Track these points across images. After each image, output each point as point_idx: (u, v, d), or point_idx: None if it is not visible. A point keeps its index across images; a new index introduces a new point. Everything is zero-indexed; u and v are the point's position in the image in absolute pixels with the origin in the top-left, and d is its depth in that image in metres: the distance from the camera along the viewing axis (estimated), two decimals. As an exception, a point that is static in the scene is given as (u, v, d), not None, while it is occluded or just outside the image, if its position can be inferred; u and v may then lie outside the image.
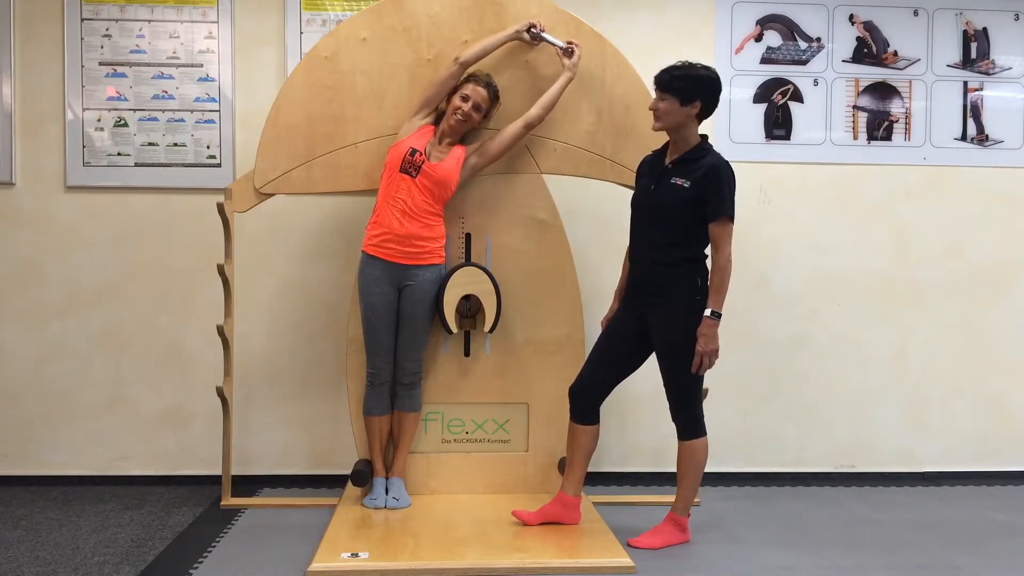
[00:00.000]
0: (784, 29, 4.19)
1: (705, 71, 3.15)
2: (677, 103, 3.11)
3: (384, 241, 3.41)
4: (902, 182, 4.25)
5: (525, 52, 3.58)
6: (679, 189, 3.12)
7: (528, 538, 3.16)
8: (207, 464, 3.97)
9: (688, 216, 3.11)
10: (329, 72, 3.54)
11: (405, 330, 3.49)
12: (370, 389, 3.51)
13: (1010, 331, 4.31)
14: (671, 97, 3.12)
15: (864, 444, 4.25)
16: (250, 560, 3.06)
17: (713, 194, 3.08)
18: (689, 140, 3.17)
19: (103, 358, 4.01)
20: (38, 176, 3.98)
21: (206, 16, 3.99)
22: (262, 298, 4.02)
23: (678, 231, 3.13)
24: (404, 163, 3.38)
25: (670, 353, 3.17)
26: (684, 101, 3.11)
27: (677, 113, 3.12)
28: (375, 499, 3.49)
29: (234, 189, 3.57)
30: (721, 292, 3.08)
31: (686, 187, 3.11)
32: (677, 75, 3.12)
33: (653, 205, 3.18)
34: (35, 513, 3.59)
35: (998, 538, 3.42)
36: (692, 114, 3.13)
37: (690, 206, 3.11)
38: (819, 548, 3.25)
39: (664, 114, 3.14)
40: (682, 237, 3.14)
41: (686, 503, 3.27)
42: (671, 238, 3.14)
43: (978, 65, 4.28)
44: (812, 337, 4.23)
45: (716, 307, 3.08)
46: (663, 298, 3.15)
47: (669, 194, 3.14)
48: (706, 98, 3.14)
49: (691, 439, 3.23)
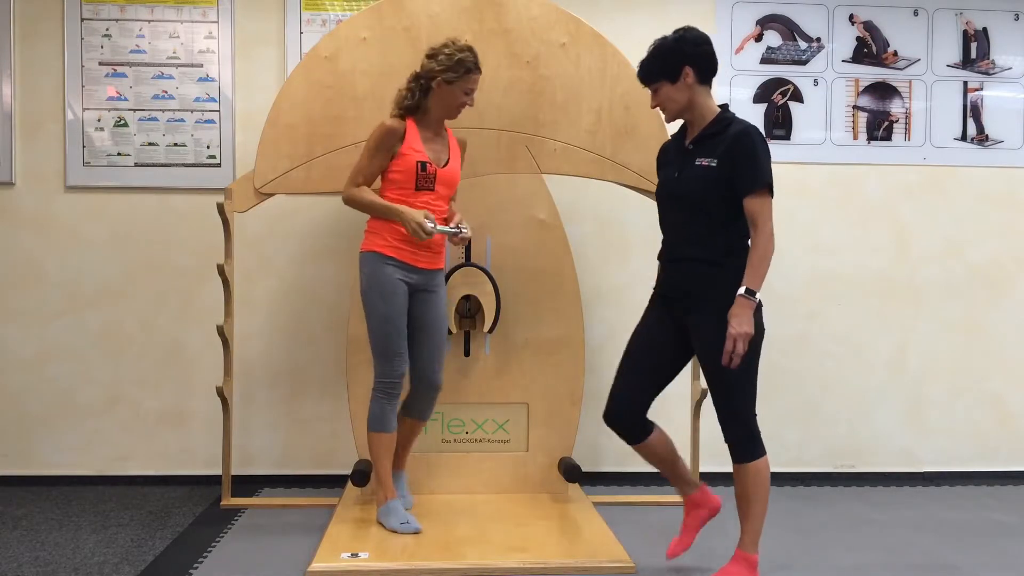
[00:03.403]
0: (784, 29, 4.20)
1: (675, 36, 2.81)
2: (668, 84, 2.79)
3: (408, 244, 3.20)
4: (902, 182, 4.25)
5: (525, 51, 3.58)
6: (706, 171, 2.74)
7: (528, 538, 3.16)
8: (207, 464, 3.97)
9: (722, 201, 2.73)
10: (329, 72, 3.54)
11: (435, 336, 3.31)
12: (387, 403, 3.25)
13: (1010, 331, 4.31)
14: (659, 82, 2.81)
15: (864, 444, 4.25)
16: (250, 560, 3.06)
17: (745, 165, 2.69)
18: (705, 114, 2.81)
19: (103, 358, 4.01)
20: (38, 176, 3.98)
21: (206, 16, 3.99)
22: (262, 298, 4.02)
23: (713, 221, 2.75)
24: (419, 181, 3.19)
25: (718, 362, 2.72)
26: (672, 77, 2.78)
27: (675, 92, 2.79)
28: (408, 522, 3.20)
29: (234, 189, 3.57)
30: (760, 270, 2.67)
31: (713, 166, 2.73)
32: (650, 60, 2.83)
33: (680, 194, 2.82)
34: (35, 513, 3.59)
35: (998, 538, 3.42)
36: (690, 83, 2.77)
37: (722, 188, 2.72)
38: (819, 548, 3.25)
39: (665, 101, 2.83)
40: (719, 227, 2.75)
41: (754, 537, 2.80)
42: (706, 230, 2.76)
43: (978, 65, 4.28)
44: (812, 337, 4.23)
45: (752, 285, 2.66)
46: (704, 300, 2.76)
47: (696, 178, 2.76)
48: (692, 60, 2.77)
49: (749, 461, 2.77)
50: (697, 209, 2.77)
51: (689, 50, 2.78)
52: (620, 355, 2.98)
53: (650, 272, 4.12)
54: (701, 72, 2.78)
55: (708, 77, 2.81)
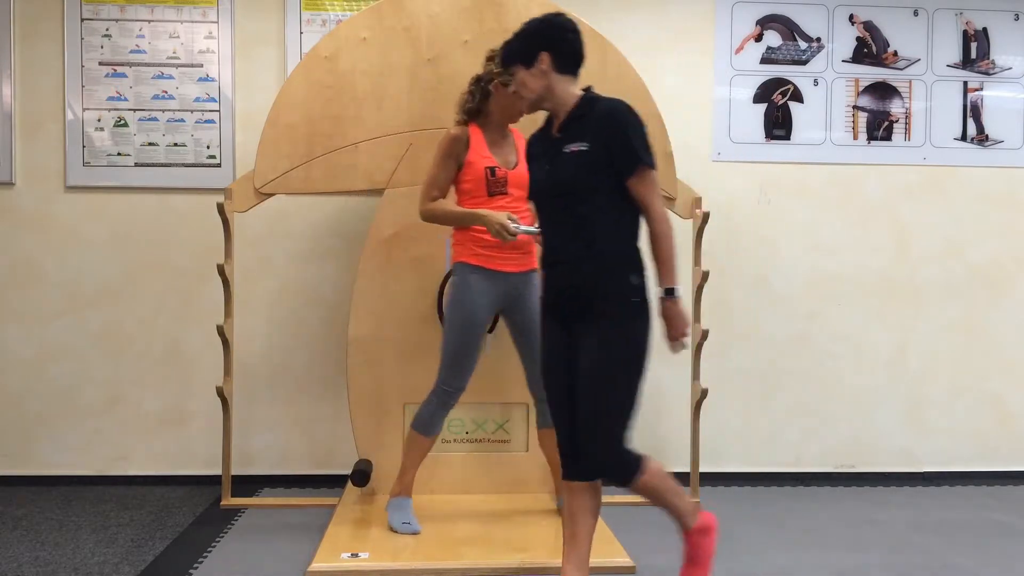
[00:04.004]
0: (784, 29, 4.20)
1: (539, 19, 2.60)
2: (523, 68, 2.57)
3: (494, 250, 3.13)
4: (902, 182, 4.25)
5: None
6: (577, 157, 2.48)
7: (528, 538, 3.16)
8: (207, 464, 3.97)
9: (602, 188, 2.47)
10: (329, 72, 3.54)
11: (532, 340, 3.16)
12: (439, 410, 3.21)
13: (1010, 331, 4.31)
14: (515, 65, 2.59)
15: (864, 444, 4.25)
16: (250, 560, 3.06)
17: (619, 145, 2.44)
18: (568, 101, 2.55)
19: (103, 358, 4.01)
20: (38, 176, 3.98)
21: (206, 16, 3.99)
22: (262, 298, 4.02)
23: (594, 212, 2.48)
24: (490, 187, 3.13)
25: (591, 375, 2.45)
26: (527, 62, 2.56)
27: (529, 78, 2.56)
28: (409, 523, 3.21)
29: (234, 189, 3.57)
30: (669, 263, 2.44)
31: (584, 150, 2.47)
32: (510, 42, 2.64)
33: (554, 188, 2.54)
34: (35, 513, 3.59)
35: (998, 538, 3.42)
36: (544, 70, 2.53)
37: (599, 173, 2.46)
38: (819, 548, 3.25)
39: (520, 87, 2.59)
40: (602, 219, 2.48)
41: (683, 518, 2.64)
42: (587, 224, 2.49)
43: (978, 65, 4.28)
44: (812, 337, 4.22)
45: (669, 283, 2.44)
46: (588, 307, 2.48)
47: (567, 167, 2.49)
48: (550, 46, 2.53)
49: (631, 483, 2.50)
50: (575, 201, 2.50)
51: (550, 35, 2.56)
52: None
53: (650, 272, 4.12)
54: (560, 60, 2.55)
55: (569, 67, 2.57)
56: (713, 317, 3.91)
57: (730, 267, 4.13)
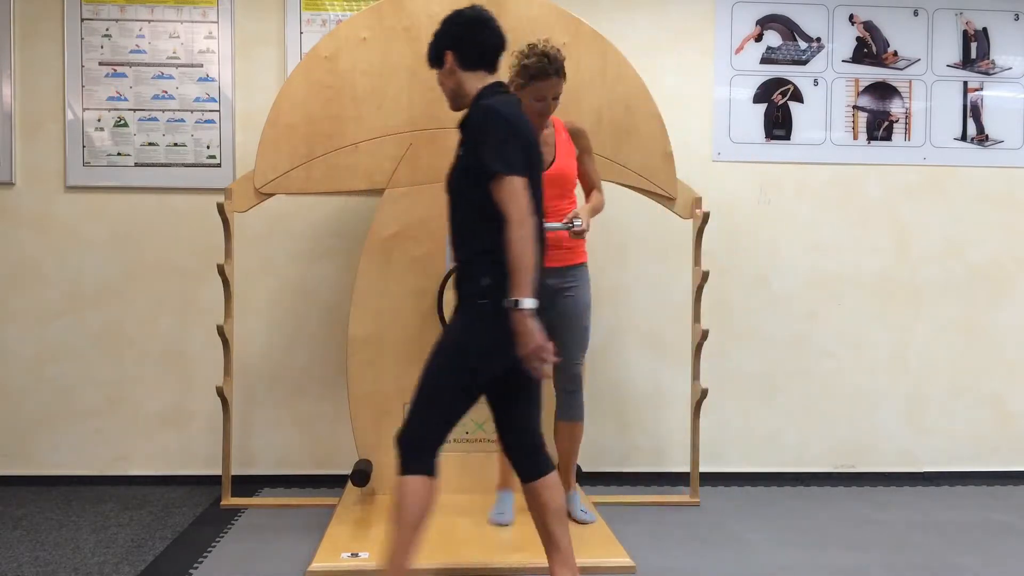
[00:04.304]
0: (784, 29, 4.20)
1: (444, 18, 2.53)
2: (437, 69, 2.53)
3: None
4: (902, 182, 4.25)
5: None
6: (457, 161, 2.47)
7: (528, 538, 3.15)
8: (207, 464, 3.97)
9: (474, 194, 2.38)
10: (329, 72, 3.54)
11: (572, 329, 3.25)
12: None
13: (1010, 331, 4.31)
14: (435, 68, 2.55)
15: (864, 444, 4.25)
16: (250, 560, 3.06)
17: (481, 149, 2.34)
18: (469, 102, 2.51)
19: (103, 358, 4.01)
20: (38, 176, 3.98)
21: (206, 16, 3.99)
22: (262, 298, 4.02)
23: (471, 216, 2.44)
24: None
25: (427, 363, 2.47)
26: (438, 63, 2.52)
27: (443, 78, 2.52)
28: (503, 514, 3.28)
29: (234, 189, 3.57)
30: (519, 274, 2.28)
31: (461, 155, 2.46)
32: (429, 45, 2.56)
33: (447, 190, 2.53)
34: (35, 513, 3.59)
35: (998, 538, 3.42)
36: (451, 68, 2.47)
37: (469, 178, 2.41)
38: (819, 548, 3.25)
39: (441, 87, 2.55)
40: (475, 224, 2.43)
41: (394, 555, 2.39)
42: (465, 227, 2.48)
43: (978, 65, 4.28)
44: (812, 337, 4.22)
45: (516, 293, 2.28)
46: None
47: (452, 171, 2.50)
48: (450, 43, 2.47)
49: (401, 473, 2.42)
50: (456, 205, 2.49)
51: (452, 32, 2.49)
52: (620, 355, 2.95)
53: (650, 272, 4.13)
54: (463, 57, 2.46)
55: (475, 62, 2.47)
56: (713, 317, 3.91)
57: (730, 267, 4.13)
